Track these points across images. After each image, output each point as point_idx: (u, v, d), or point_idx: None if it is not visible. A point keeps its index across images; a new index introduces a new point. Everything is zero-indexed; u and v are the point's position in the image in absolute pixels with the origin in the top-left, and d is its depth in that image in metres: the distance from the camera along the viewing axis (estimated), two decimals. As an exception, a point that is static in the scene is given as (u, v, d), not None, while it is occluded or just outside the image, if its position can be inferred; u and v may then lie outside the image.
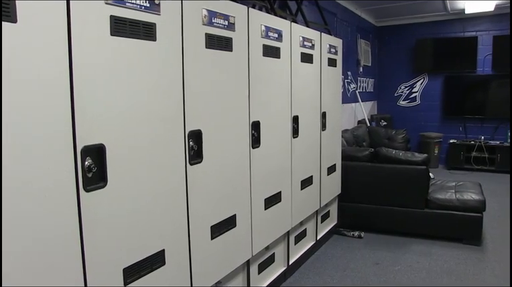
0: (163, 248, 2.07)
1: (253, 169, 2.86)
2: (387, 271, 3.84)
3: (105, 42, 1.70)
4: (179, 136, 2.15)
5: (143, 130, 1.91)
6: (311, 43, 3.74)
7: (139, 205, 1.91)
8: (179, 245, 2.20)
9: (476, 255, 4.20)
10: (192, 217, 2.26)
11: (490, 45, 8.22)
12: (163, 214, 2.06)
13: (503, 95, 8.20)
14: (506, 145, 8.03)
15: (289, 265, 3.69)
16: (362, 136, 6.84)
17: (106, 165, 1.73)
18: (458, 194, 4.53)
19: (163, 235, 2.07)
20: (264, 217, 3.06)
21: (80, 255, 1.64)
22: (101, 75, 1.70)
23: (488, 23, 8.24)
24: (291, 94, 3.38)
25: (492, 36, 8.19)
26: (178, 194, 2.17)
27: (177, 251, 2.19)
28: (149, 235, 1.99)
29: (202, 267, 2.38)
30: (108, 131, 1.74)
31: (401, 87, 9.08)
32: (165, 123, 2.05)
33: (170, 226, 2.12)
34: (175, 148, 2.12)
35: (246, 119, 2.77)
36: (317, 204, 4.08)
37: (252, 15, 2.77)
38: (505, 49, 8.08)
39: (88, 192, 1.66)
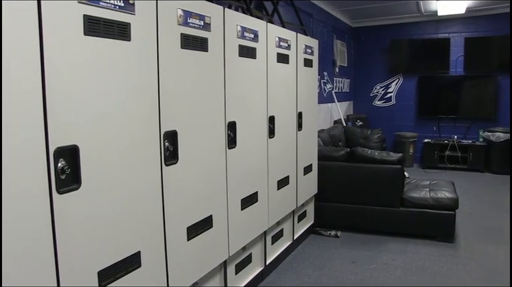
0: (139, 250, 2.05)
1: (229, 170, 2.86)
2: (364, 270, 3.88)
3: (78, 42, 1.68)
4: (155, 137, 2.13)
5: (117, 131, 1.89)
6: (288, 44, 3.75)
7: (113, 207, 1.89)
8: (155, 246, 2.19)
9: (450, 251, 4.28)
10: (168, 218, 2.25)
11: (462, 47, 8.40)
12: (138, 215, 2.04)
13: (475, 95, 8.42)
14: (478, 144, 8.22)
15: (266, 265, 3.70)
16: (338, 136, 6.89)
17: (80, 167, 1.70)
18: (432, 193, 4.61)
19: (138, 237, 2.05)
20: (240, 217, 3.06)
21: (53, 258, 1.61)
22: (74, 75, 1.67)
23: (460, 25, 8.41)
24: (267, 94, 3.39)
25: (464, 38, 8.38)
26: (154, 195, 2.15)
27: (153, 252, 2.17)
28: (125, 236, 1.97)
29: (179, 269, 2.37)
30: (81, 132, 1.71)
31: (377, 87, 9.19)
32: (140, 124, 2.03)
33: (146, 228, 2.10)
34: (150, 149, 2.11)
35: (222, 120, 2.77)
36: (293, 204, 4.10)
37: (228, 16, 2.77)
38: (476, 51, 8.28)
39: (61, 194, 1.63)
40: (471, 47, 8.34)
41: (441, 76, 8.65)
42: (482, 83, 8.39)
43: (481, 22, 8.25)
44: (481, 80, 8.39)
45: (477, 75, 8.40)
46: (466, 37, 8.37)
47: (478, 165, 8.14)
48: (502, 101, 8.24)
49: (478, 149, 8.17)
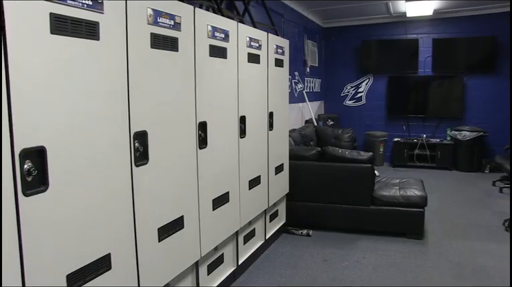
0: (109, 252, 2.02)
1: (200, 170, 2.85)
2: (335, 268, 3.92)
3: (45, 41, 1.64)
4: (124, 137, 2.11)
5: (86, 131, 1.86)
6: (258, 44, 3.76)
7: (82, 209, 1.86)
8: (126, 248, 2.16)
9: (419, 248, 4.37)
10: (139, 219, 2.23)
11: (430, 48, 8.59)
12: (108, 217, 2.01)
13: (442, 95, 8.62)
14: (446, 143, 8.43)
15: (238, 265, 3.70)
16: (310, 135, 6.94)
17: (48, 169, 1.67)
18: (401, 191, 4.69)
19: (108, 239, 2.02)
20: (212, 218, 3.05)
21: (19, 261, 1.57)
22: (41, 75, 1.64)
23: (428, 27, 8.60)
24: (238, 94, 3.39)
25: (432, 39, 8.56)
26: (124, 196, 2.13)
27: (124, 254, 2.14)
28: (94, 239, 1.94)
29: (150, 270, 2.35)
30: (49, 132, 1.68)
31: (347, 87, 9.29)
32: (109, 124, 2.00)
33: (116, 230, 2.07)
34: (120, 149, 2.08)
35: (193, 120, 2.76)
36: (265, 203, 4.11)
37: (198, 15, 2.76)
38: (444, 52, 8.48)
39: (27, 196, 1.59)
40: (439, 48, 8.53)
41: (410, 76, 8.82)
42: (449, 83, 8.61)
43: (448, 24, 8.45)
44: (448, 80, 8.60)
45: (445, 75, 8.60)
46: (433, 38, 8.56)
47: (446, 164, 8.34)
48: (469, 101, 8.47)
49: (446, 148, 8.38)
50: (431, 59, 8.62)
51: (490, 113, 8.37)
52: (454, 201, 6.20)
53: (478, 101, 8.43)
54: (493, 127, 8.21)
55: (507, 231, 4.84)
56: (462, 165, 8.26)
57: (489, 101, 8.37)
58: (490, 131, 8.08)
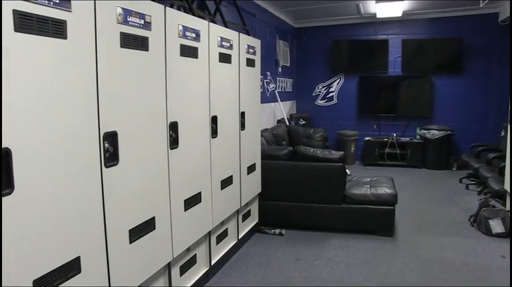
0: (78, 255, 1.99)
1: (172, 171, 2.83)
2: (308, 266, 3.95)
3: (9, 39, 1.60)
4: (94, 138, 2.07)
5: (53, 132, 1.82)
6: (230, 44, 3.75)
7: (50, 211, 1.82)
8: (96, 250, 2.13)
9: (389, 245, 4.44)
10: (109, 221, 2.20)
11: (399, 48, 8.74)
12: (77, 219, 1.98)
13: (412, 95, 8.78)
14: (415, 142, 8.59)
15: (211, 265, 3.69)
16: (282, 135, 6.97)
17: (13, 171, 1.63)
18: (372, 189, 4.76)
19: (77, 242, 1.99)
20: (184, 218, 3.03)
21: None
22: (4, 74, 1.59)
23: (397, 28, 8.75)
24: (210, 94, 3.38)
25: (401, 39, 8.72)
26: (93, 198, 2.09)
27: (94, 257, 2.11)
28: (63, 242, 1.90)
29: (121, 272, 2.32)
30: (14, 134, 1.64)
31: (319, 87, 9.37)
32: (77, 125, 1.97)
33: (85, 232, 2.04)
34: (89, 150, 2.05)
35: (164, 120, 2.73)
36: (237, 203, 4.11)
37: (169, 15, 2.73)
38: (413, 52, 8.65)
39: (-8, 199, 1.55)
40: (408, 49, 8.71)
41: (380, 76, 8.96)
42: (418, 83, 8.78)
43: (417, 25, 8.63)
44: (417, 80, 8.77)
45: (414, 75, 8.78)
46: (403, 39, 8.72)
47: (416, 162, 8.51)
48: (437, 100, 8.67)
49: (416, 147, 8.54)
50: (401, 59, 8.78)
51: (457, 112, 8.59)
52: (423, 198, 6.33)
53: (446, 101, 8.64)
54: (460, 125, 8.43)
55: (472, 226, 4.97)
56: (430, 164, 8.45)
57: (456, 101, 8.59)
58: (457, 130, 8.29)
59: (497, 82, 8.08)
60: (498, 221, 4.66)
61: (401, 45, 8.73)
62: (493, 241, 4.54)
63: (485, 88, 8.40)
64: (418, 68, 8.74)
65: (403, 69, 8.79)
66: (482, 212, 4.80)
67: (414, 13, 8.22)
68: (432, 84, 8.64)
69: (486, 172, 6.07)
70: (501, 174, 5.29)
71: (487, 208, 4.81)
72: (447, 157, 8.39)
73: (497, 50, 8.07)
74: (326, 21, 8.92)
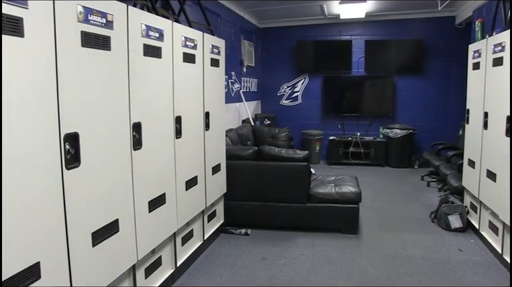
0: (38, 260, 1.93)
1: (135, 172, 2.79)
2: (274, 265, 3.97)
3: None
4: (54, 139, 2.02)
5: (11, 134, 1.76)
6: (194, 44, 3.73)
7: (7, 215, 1.76)
8: (57, 255, 2.08)
9: (354, 242, 4.52)
10: (71, 225, 2.15)
11: (362, 49, 8.89)
12: (36, 223, 1.93)
13: (375, 95, 8.95)
14: (379, 141, 8.76)
15: (177, 267, 3.66)
16: (247, 135, 6.98)
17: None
18: (337, 188, 4.82)
19: (37, 247, 1.94)
20: (148, 220, 3.00)
21: None
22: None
23: (360, 28, 8.90)
24: (174, 94, 3.35)
25: (365, 40, 8.87)
26: (54, 201, 2.04)
27: (55, 262, 2.06)
28: (21, 247, 1.84)
29: (84, 277, 2.27)
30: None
31: (284, 87, 9.41)
32: (36, 126, 1.91)
33: (45, 236, 1.99)
34: (49, 152, 1.99)
35: (127, 120, 2.69)
36: (203, 203, 4.09)
37: (131, 14, 2.69)
38: (375, 53, 8.81)
39: None
40: (371, 50, 8.86)
41: (344, 76, 9.09)
42: (381, 83, 8.96)
43: (379, 26, 8.80)
44: (380, 80, 8.95)
45: (377, 75, 8.95)
46: (366, 40, 8.88)
47: (379, 160, 8.67)
48: (399, 100, 8.87)
49: (379, 145, 8.71)
50: (364, 60, 8.92)
51: (418, 112, 8.82)
52: (387, 196, 6.46)
53: (408, 100, 8.85)
54: (421, 124, 8.65)
55: (433, 222, 5.12)
56: (393, 162, 8.63)
57: (417, 100, 8.82)
58: (418, 129, 8.51)
59: (455, 82, 8.34)
60: (457, 217, 4.81)
61: (364, 45, 8.88)
62: (452, 236, 4.69)
63: (444, 89, 8.67)
64: (381, 68, 8.91)
65: (366, 69, 8.95)
66: (442, 208, 4.95)
67: (377, 14, 8.37)
68: (394, 84, 8.84)
69: (446, 170, 6.24)
70: (460, 171, 5.45)
71: (447, 205, 4.96)
72: (409, 156, 8.60)
73: (455, 52, 8.35)
74: (290, 21, 8.97)
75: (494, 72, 4.20)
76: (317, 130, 9.01)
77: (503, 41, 3.95)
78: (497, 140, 4.00)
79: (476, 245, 4.43)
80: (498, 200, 3.94)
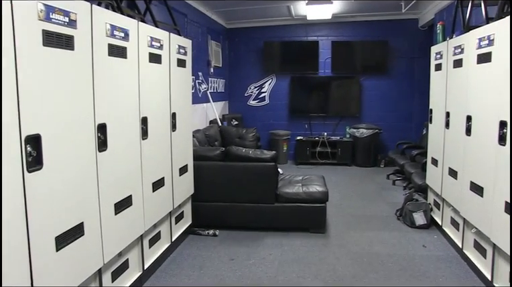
0: (-1, 266, 1.88)
1: (101, 174, 2.74)
2: (242, 266, 3.97)
3: None
4: (14, 142, 1.96)
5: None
6: (160, 44, 3.70)
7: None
8: (19, 260, 2.02)
9: (322, 241, 4.57)
10: (33, 229, 2.09)
11: (329, 49, 9.00)
12: (-3, 227, 1.87)
13: (341, 95, 9.07)
14: (345, 140, 8.88)
15: (144, 269, 3.61)
16: (214, 136, 6.95)
17: None
18: (304, 187, 4.86)
19: (-3, 251, 1.88)
20: (114, 223, 2.95)
21: None
22: None
23: (327, 29, 9.01)
24: (139, 94, 3.31)
25: (331, 41, 8.98)
26: (14, 205, 1.98)
27: (16, 267, 2.00)
28: (-19, 252, 1.79)
29: (47, 282, 2.22)
30: None
31: (251, 87, 9.43)
32: (-4, 128, 1.85)
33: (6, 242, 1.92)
34: (9, 155, 1.93)
35: (92, 121, 2.64)
36: (170, 205, 4.06)
37: (96, 13, 2.64)
38: (342, 53, 8.93)
39: None
40: (337, 50, 8.98)
41: (311, 76, 9.17)
42: (347, 83, 9.09)
43: (346, 27, 8.93)
44: (346, 80, 9.08)
45: (343, 76, 9.08)
46: (332, 41, 9.00)
47: (346, 160, 8.79)
48: (365, 100, 9.01)
49: (346, 145, 8.83)
50: (331, 60, 9.03)
51: (383, 112, 8.99)
52: (353, 195, 6.56)
53: (374, 101, 9.01)
54: (386, 124, 8.81)
55: (398, 219, 5.23)
56: (360, 161, 8.77)
57: (383, 101, 9.00)
58: (384, 129, 8.67)
59: (419, 83, 8.54)
60: (421, 214, 4.93)
61: (330, 46, 8.99)
62: (416, 233, 4.81)
63: (408, 89, 8.87)
64: (347, 68, 9.03)
65: (333, 70, 9.05)
66: (407, 206, 5.05)
67: (343, 15, 8.48)
68: (360, 84, 8.98)
69: (411, 168, 6.38)
70: (424, 170, 5.58)
71: (411, 202, 5.07)
72: (375, 155, 8.76)
73: (418, 53, 8.56)
74: (257, 22, 9.00)
75: (454, 73, 4.32)
76: (285, 130, 9.07)
77: (462, 43, 4.08)
78: (458, 139, 4.12)
79: (439, 241, 4.55)
80: (459, 196, 4.06)
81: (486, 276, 3.54)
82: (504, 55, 3.11)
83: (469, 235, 3.95)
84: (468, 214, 3.89)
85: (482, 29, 3.63)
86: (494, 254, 3.39)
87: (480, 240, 3.70)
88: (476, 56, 3.68)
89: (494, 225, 3.29)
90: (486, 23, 3.72)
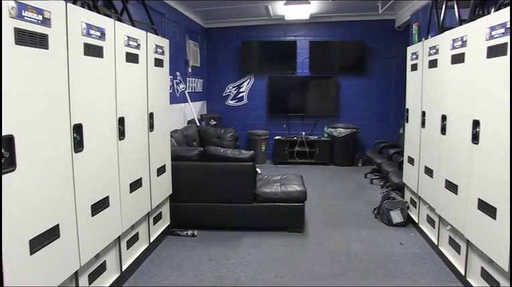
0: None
1: (77, 175, 2.70)
2: (221, 266, 3.96)
3: None
4: (-13, 142, 1.92)
5: None
6: (137, 43, 3.66)
7: None
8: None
9: (300, 240, 4.59)
10: (6, 231, 2.04)
11: (307, 49, 9.04)
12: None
13: (319, 95, 9.13)
14: (323, 140, 8.94)
15: (122, 271, 3.58)
16: (192, 136, 6.92)
17: None
18: (282, 187, 4.87)
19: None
20: (91, 224, 2.91)
21: None
22: None
23: (305, 29, 9.05)
24: (116, 94, 3.27)
25: (309, 41, 9.03)
26: (-12, 207, 1.94)
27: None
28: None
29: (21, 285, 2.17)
30: None
31: (229, 87, 9.41)
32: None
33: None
34: (-19, 156, 1.89)
35: (67, 122, 2.60)
36: (148, 206, 4.02)
37: (71, 11, 2.60)
38: (319, 53, 9.00)
39: None
40: (315, 50, 9.03)
41: (289, 76, 9.20)
42: (325, 83, 9.14)
43: (323, 27, 8.99)
44: (324, 80, 9.14)
45: (321, 76, 9.13)
46: (310, 41, 9.04)
47: (324, 159, 8.85)
48: (343, 100, 9.10)
49: (324, 144, 8.89)
50: (309, 60, 9.07)
51: (361, 111, 9.08)
52: (331, 194, 6.60)
53: (351, 100, 9.10)
54: (364, 124, 8.91)
55: (376, 217, 5.29)
56: (338, 160, 8.83)
57: (360, 100, 9.09)
58: (361, 128, 8.76)
59: (395, 83, 8.63)
60: (398, 212, 5.00)
61: (308, 46, 9.04)
62: (393, 231, 4.87)
63: (386, 89, 8.99)
64: (325, 68, 9.10)
65: (311, 70, 9.10)
66: (384, 204, 5.12)
67: (321, 16, 8.54)
68: (338, 84, 9.05)
69: (388, 167, 6.45)
70: (400, 168, 5.65)
71: (388, 201, 5.14)
72: (353, 154, 8.84)
73: (395, 53, 8.68)
74: (235, 21, 8.99)
75: (430, 73, 4.39)
76: (263, 130, 9.08)
77: (437, 44, 4.14)
78: (433, 138, 4.18)
79: (415, 238, 4.62)
80: (435, 194, 4.12)
81: (460, 271, 3.62)
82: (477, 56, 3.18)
83: (444, 232, 4.02)
84: (443, 211, 3.96)
85: (455, 30, 3.71)
86: (468, 250, 3.47)
87: (455, 236, 3.78)
88: (450, 57, 3.75)
89: (467, 222, 3.37)
90: (459, 24, 3.80)
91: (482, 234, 3.11)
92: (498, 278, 3.01)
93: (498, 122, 2.86)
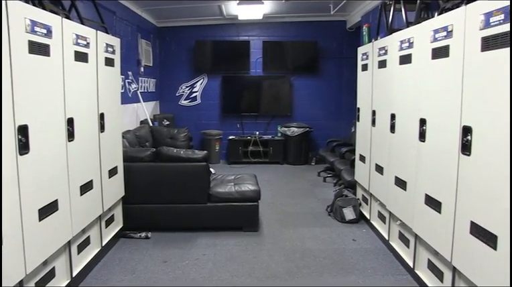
0: None
1: (22, 178, 2.59)
2: (175, 268, 3.93)
3: None
4: None
5: None
6: (86, 42, 3.56)
7: None
8: None
9: (255, 239, 4.61)
10: None
11: (260, 49, 9.10)
12: None
13: (273, 94, 9.20)
14: (277, 139, 9.03)
15: (73, 277, 3.47)
16: (145, 136, 6.81)
17: None
18: (236, 187, 4.87)
19: None
20: (39, 229, 2.81)
21: None
22: None
23: (258, 29, 9.10)
24: (65, 94, 3.16)
25: (262, 41, 9.08)
26: None
27: None
28: None
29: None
30: None
31: (182, 87, 9.33)
32: None
33: None
34: None
35: (11, 123, 2.49)
36: (99, 208, 3.92)
37: (12, 7, 2.48)
38: (272, 53, 9.08)
39: None
40: (268, 50, 9.09)
41: (242, 76, 9.22)
42: (278, 83, 9.21)
43: (276, 28, 9.07)
44: (278, 80, 9.21)
45: (274, 76, 9.20)
46: (263, 41, 9.10)
47: (278, 158, 8.93)
48: (296, 99, 9.21)
49: (277, 144, 8.96)
50: (262, 60, 9.12)
51: (314, 111, 9.22)
52: (285, 192, 6.67)
53: (304, 100, 9.22)
54: (317, 123, 9.06)
55: (329, 215, 5.39)
56: (291, 159, 8.93)
57: (313, 100, 9.23)
58: (315, 127, 8.89)
59: (347, 83, 8.83)
60: (350, 209, 5.10)
61: (261, 46, 9.09)
62: (346, 227, 4.98)
63: (338, 88, 9.17)
64: (278, 68, 9.17)
65: (264, 69, 9.16)
66: (337, 202, 5.21)
67: (274, 16, 8.61)
68: (291, 84, 9.15)
69: (340, 165, 6.58)
70: (352, 166, 5.77)
71: (341, 198, 5.24)
72: (306, 153, 8.96)
73: (346, 54, 8.86)
74: (188, 21, 8.92)
75: (379, 73, 4.51)
76: (217, 130, 9.06)
77: (386, 45, 4.26)
78: (383, 136, 4.30)
79: (367, 234, 4.74)
80: (385, 191, 4.24)
81: (409, 264, 3.77)
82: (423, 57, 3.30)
83: (394, 228, 4.15)
84: (393, 207, 4.08)
85: (402, 32, 3.85)
86: (416, 244, 3.61)
87: (404, 231, 3.91)
88: (399, 57, 3.87)
89: (415, 217, 3.50)
90: (407, 26, 3.92)
91: (429, 228, 3.24)
92: (442, 269, 3.17)
93: (443, 120, 2.99)
